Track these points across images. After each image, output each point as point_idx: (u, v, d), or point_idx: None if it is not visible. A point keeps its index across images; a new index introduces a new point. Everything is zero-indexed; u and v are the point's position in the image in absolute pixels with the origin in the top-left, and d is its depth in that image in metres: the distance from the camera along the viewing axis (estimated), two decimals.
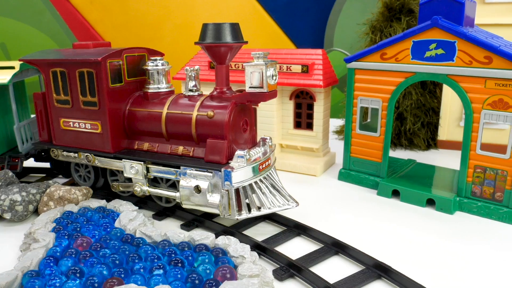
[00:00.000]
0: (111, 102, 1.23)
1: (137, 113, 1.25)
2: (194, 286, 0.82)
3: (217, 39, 1.09)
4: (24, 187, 1.25)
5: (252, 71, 1.07)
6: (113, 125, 1.24)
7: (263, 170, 1.15)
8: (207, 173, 1.09)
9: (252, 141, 1.24)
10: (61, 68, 1.26)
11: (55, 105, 1.31)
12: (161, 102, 1.22)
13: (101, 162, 1.29)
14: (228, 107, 1.12)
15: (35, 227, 1.06)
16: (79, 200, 1.24)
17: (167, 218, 1.26)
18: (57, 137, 1.36)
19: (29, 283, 0.83)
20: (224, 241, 0.98)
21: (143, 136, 1.27)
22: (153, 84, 1.25)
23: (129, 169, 1.22)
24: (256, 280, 0.82)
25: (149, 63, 1.24)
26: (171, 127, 1.20)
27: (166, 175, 1.18)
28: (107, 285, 0.80)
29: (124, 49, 1.25)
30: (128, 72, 1.27)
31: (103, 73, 1.18)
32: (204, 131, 1.15)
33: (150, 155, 1.22)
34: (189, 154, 1.18)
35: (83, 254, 0.92)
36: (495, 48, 1.13)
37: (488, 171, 1.22)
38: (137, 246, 0.97)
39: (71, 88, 1.26)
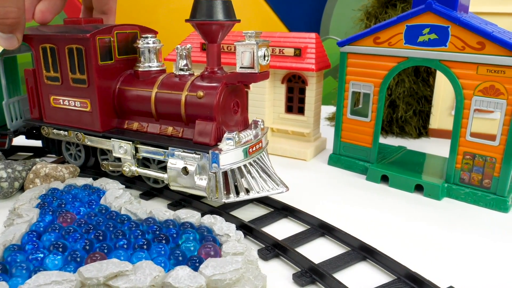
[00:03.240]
0: (101, 79, 1.20)
1: (127, 92, 1.22)
2: (177, 262, 0.82)
3: (209, 17, 1.05)
4: (10, 164, 1.24)
5: (243, 50, 1.04)
6: (102, 104, 1.22)
7: (254, 153, 1.12)
8: (195, 155, 1.07)
9: (244, 123, 1.21)
10: (51, 44, 1.23)
11: (45, 82, 1.29)
12: (151, 81, 1.20)
13: (90, 141, 1.27)
14: (218, 88, 1.09)
15: (20, 203, 1.05)
16: (65, 177, 1.23)
17: (155, 197, 1.25)
18: (47, 115, 1.33)
19: (11, 256, 0.82)
20: (210, 219, 0.97)
21: (133, 115, 1.25)
22: (143, 63, 1.22)
23: (117, 148, 1.20)
24: (239, 258, 0.81)
25: (140, 41, 1.21)
26: (160, 107, 1.17)
27: (154, 155, 1.16)
28: (89, 260, 0.80)
29: (115, 25, 1.21)
30: (119, 49, 1.23)
31: (92, 49, 1.15)
32: (194, 112, 1.12)
33: (140, 135, 1.20)
34: (178, 135, 1.16)
35: (67, 230, 0.91)
36: (489, 34, 1.13)
37: (477, 158, 1.22)
38: (122, 223, 0.96)
39: (60, 64, 1.23)
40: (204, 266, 0.78)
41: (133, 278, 0.75)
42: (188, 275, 0.76)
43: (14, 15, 1.11)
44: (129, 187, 1.29)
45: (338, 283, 0.83)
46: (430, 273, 0.87)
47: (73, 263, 0.80)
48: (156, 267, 0.77)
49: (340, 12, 2.68)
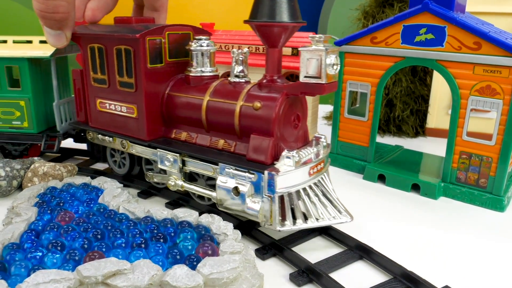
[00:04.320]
0: (149, 84, 1.10)
1: (176, 98, 1.12)
2: (175, 261, 0.82)
3: (271, 17, 0.92)
4: (8, 162, 1.24)
5: (309, 57, 0.90)
6: (150, 110, 1.12)
7: (314, 174, 0.99)
8: (248, 174, 0.95)
9: (304, 139, 1.08)
10: (99, 44, 1.15)
11: (92, 84, 1.21)
12: (203, 88, 1.09)
13: (136, 149, 1.19)
14: (278, 99, 0.96)
15: (18, 202, 1.05)
16: (63, 176, 1.23)
17: (153, 196, 1.26)
18: (93, 119, 1.26)
19: (9, 255, 0.82)
20: (208, 218, 0.97)
21: (182, 124, 1.15)
22: (196, 67, 1.11)
23: (164, 160, 1.12)
24: (237, 257, 0.82)
25: (193, 43, 1.09)
26: (212, 117, 1.06)
27: (203, 171, 1.06)
28: (87, 259, 0.80)
29: (166, 26, 1.11)
30: (170, 51, 1.13)
31: (141, 51, 1.06)
32: (249, 124, 1.00)
33: (188, 146, 1.10)
34: (230, 150, 1.05)
35: (65, 228, 0.91)
36: (485, 34, 1.13)
37: (473, 158, 1.22)
38: (120, 221, 0.96)
39: (108, 66, 1.15)
40: (202, 265, 0.79)
41: (131, 276, 0.75)
42: (186, 274, 0.76)
43: (64, 9, 1.04)
44: (127, 185, 1.29)
45: (335, 282, 0.83)
46: (426, 272, 0.88)
47: (72, 262, 0.80)
48: (154, 266, 0.77)
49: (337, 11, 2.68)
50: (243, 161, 0.99)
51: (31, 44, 1.37)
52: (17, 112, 1.38)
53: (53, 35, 1.10)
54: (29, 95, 1.36)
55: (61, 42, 1.13)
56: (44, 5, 1.01)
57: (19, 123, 1.39)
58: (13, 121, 1.39)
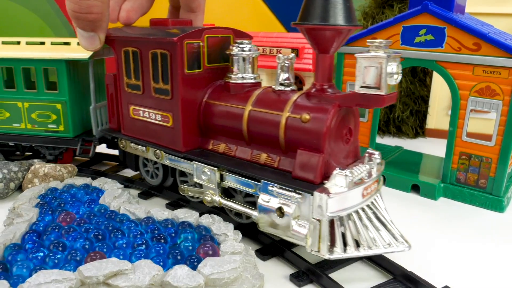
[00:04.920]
0: (186, 91, 1.03)
1: (215, 107, 1.04)
2: (176, 261, 0.82)
3: (324, 20, 0.83)
4: (6, 164, 1.24)
5: (367, 65, 0.81)
6: (186, 119, 1.05)
7: (368, 196, 0.89)
8: (294, 193, 0.86)
9: (354, 154, 0.98)
10: (134, 48, 1.08)
11: (126, 89, 1.15)
12: (244, 96, 1.00)
13: (170, 160, 1.11)
14: (329, 111, 0.87)
15: (19, 202, 1.06)
16: (64, 177, 1.24)
17: (153, 197, 1.26)
18: (126, 126, 1.20)
19: (11, 255, 0.82)
20: (208, 219, 0.98)
21: (220, 135, 1.06)
22: (236, 73, 1.02)
23: (200, 173, 1.03)
24: (238, 257, 0.82)
25: (233, 47, 1.01)
26: (254, 129, 0.98)
27: (242, 187, 0.97)
28: (88, 259, 0.80)
29: (206, 28, 1.04)
30: (209, 56, 1.05)
31: (179, 56, 0.98)
32: (296, 138, 0.91)
33: (226, 160, 1.02)
34: (274, 165, 0.96)
35: (66, 229, 0.92)
36: (484, 35, 1.14)
37: (473, 158, 1.23)
38: (121, 222, 0.97)
39: (143, 71, 1.08)
40: (203, 265, 0.79)
41: (132, 277, 0.76)
42: (186, 274, 0.76)
43: (98, 9, 0.98)
44: (128, 186, 1.29)
45: (335, 283, 0.84)
46: (425, 273, 0.88)
47: (73, 262, 0.81)
48: (155, 266, 0.78)
49: None
50: (288, 178, 0.90)
51: (68, 46, 1.34)
52: (53, 115, 1.36)
53: (86, 37, 1.05)
54: (66, 98, 1.33)
55: (94, 45, 1.07)
56: (77, 5, 0.96)
57: (55, 126, 1.37)
58: (49, 124, 1.37)
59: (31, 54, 1.32)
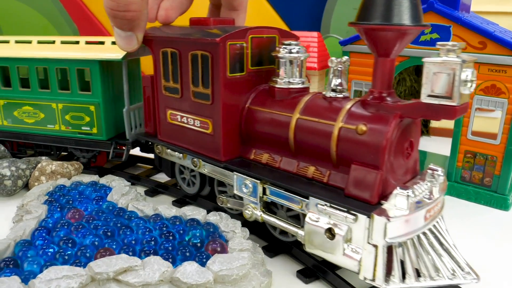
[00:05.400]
0: (228, 96, 0.96)
1: (258, 113, 0.97)
2: (185, 258, 0.83)
3: (386, 19, 0.74)
4: (14, 162, 1.25)
5: (436, 71, 0.71)
6: (227, 126, 0.98)
7: (430, 219, 0.79)
8: (347, 214, 0.76)
9: (413, 170, 0.88)
10: (173, 49, 1.02)
11: (163, 93, 1.09)
12: (291, 103, 0.92)
13: (208, 169, 1.05)
14: (390, 122, 0.78)
15: (28, 199, 1.07)
16: (71, 174, 1.25)
17: (159, 195, 1.27)
18: (162, 131, 1.15)
19: (22, 251, 0.83)
20: (216, 216, 0.99)
21: (263, 144, 0.98)
22: (283, 77, 0.94)
23: (240, 185, 0.96)
24: (246, 254, 0.83)
25: (280, 48, 0.93)
26: (302, 139, 0.90)
27: (287, 202, 0.89)
28: (98, 255, 0.81)
29: (250, 28, 0.96)
30: (252, 58, 0.98)
31: (221, 58, 0.92)
32: (350, 151, 0.82)
33: (270, 171, 0.94)
34: (323, 180, 0.87)
35: (75, 226, 0.92)
36: (490, 34, 1.14)
37: (478, 157, 1.23)
38: (129, 219, 0.97)
39: (182, 74, 1.02)
40: (212, 262, 0.80)
41: (142, 273, 0.77)
42: (196, 271, 0.77)
43: (136, 7, 0.94)
44: (134, 184, 1.30)
45: (341, 279, 0.84)
46: None
47: (83, 258, 0.82)
48: (164, 263, 0.78)
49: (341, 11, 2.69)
50: (340, 196, 0.81)
51: (103, 45, 1.31)
52: (87, 117, 1.32)
53: (123, 37, 1.01)
54: (99, 99, 1.29)
55: (131, 45, 1.03)
56: (115, 2, 0.92)
57: (88, 128, 1.33)
58: (82, 126, 1.34)
59: (63, 54, 1.28)
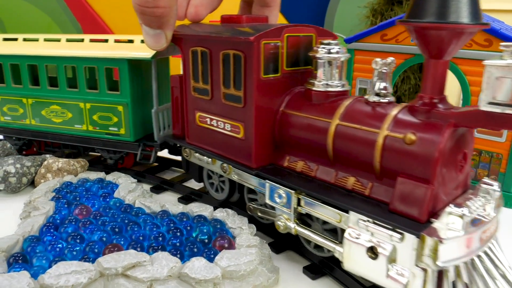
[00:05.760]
0: (261, 99, 0.89)
1: (293, 118, 0.90)
2: (192, 254, 0.84)
3: (441, 16, 0.67)
4: (19, 159, 1.25)
5: (499, 75, 0.64)
6: (260, 131, 0.91)
7: (486, 240, 0.72)
8: (393, 232, 0.69)
9: (464, 184, 0.80)
10: (203, 48, 0.96)
11: (192, 94, 1.03)
12: (330, 107, 0.85)
13: (238, 175, 0.98)
14: (443, 132, 0.70)
15: (35, 196, 1.07)
16: (78, 171, 1.25)
17: (165, 191, 1.27)
18: (191, 134, 1.09)
19: (30, 247, 0.84)
20: (222, 213, 0.99)
21: (298, 151, 0.91)
22: (320, 79, 0.87)
23: (273, 194, 0.89)
24: (253, 250, 0.83)
25: (319, 48, 0.86)
26: (341, 147, 0.82)
27: (324, 216, 0.82)
28: (106, 251, 0.82)
29: (286, 26, 0.89)
30: (288, 58, 0.91)
31: (255, 58, 0.85)
32: (396, 162, 0.75)
33: (305, 181, 0.87)
34: (364, 192, 0.80)
35: (83, 222, 0.93)
36: (496, 31, 1.14)
37: (484, 154, 1.23)
38: (136, 215, 0.98)
39: (212, 74, 0.97)
40: (219, 258, 0.80)
41: (150, 268, 0.77)
42: (204, 266, 0.78)
43: (165, 3, 0.89)
44: (140, 180, 1.30)
45: (347, 275, 0.84)
46: None
47: (91, 254, 0.82)
48: (172, 258, 0.79)
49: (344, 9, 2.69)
50: (383, 211, 0.74)
51: (132, 44, 1.26)
52: (115, 118, 1.28)
53: (151, 35, 0.96)
54: (128, 99, 1.25)
55: (160, 43, 0.97)
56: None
57: (115, 129, 1.30)
58: (110, 127, 1.30)
59: (92, 53, 1.25)
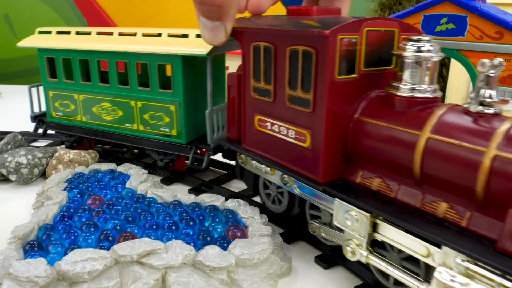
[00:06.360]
0: (334, 103, 0.77)
1: (371, 127, 0.77)
2: (205, 243, 0.84)
3: None
4: (31, 150, 1.26)
5: None
6: (330, 141, 0.79)
7: None
8: (503, 279, 0.56)
9: None
10: (267, 43, 0.86)
11: (252, 94, 0.93)
12: (418, 117, 0.72)
13: (301, 189, 0.87)
14: None
15: (48, 186, 1.08)
16: (89, 162, 1.26)
17: (175, 183, 1.28)
18: (247, 139, 0.98)
19: (45, 235, 0.85)
20: (234, 203, 0.99)
21: (375, 166, 0.78)
22: (406, 83, 0.74)
23: (342, 214, 0.77)
24: (266, 239, 0.84)
25: (406, 45, 0.74)
26: (432, 166, 0.69)
27: (407, 247, 0.68)
28: (121, 239, 0.82)
29: (366, 19, 0.77)
30: (366, 57, 0.79)
31: (329, 55, 0.73)
32: (507, 190, 0.61)
33: (382, 202, 0.73)
34: (460, 223, 0.66)
35: (97, 211, 0.94)
36: (507, 23, 1.14)
37: None
38: (149, 205, 0.99)
39: (276, 73, 0.86)
40: (233, 246, 0.81)
41: (165, 256, 0.78)
42: (218, 254, 0.78)
43: None
44: (150, 172, 1.31)
45: (359, 264, 0.84)
46: None
47: (106, 242, 0.83)
48: (186, 246, 0.80)
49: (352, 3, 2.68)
50: (488, 250, 0.60)
51: (186, 38, 1.16)
52: (166, 118, 1.21)
53: (209, 28, 0.86)
54: (180, 99, 1.16)
55: (218, 37, 0.87)
56: None
57: (167, 130, 1.22)
58: (161, 127, 1.23)
59: (144, 48, 1.18)
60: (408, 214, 0.70)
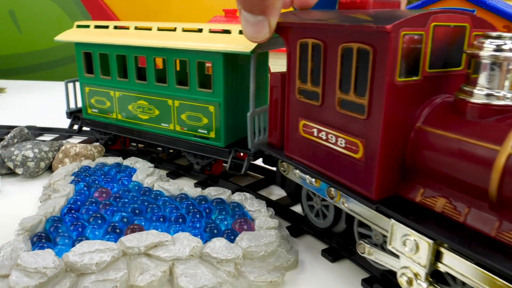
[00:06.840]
0: (393, 109, 0.68)
1: (436, 138, 0.67)
2: (212, 235, 0.84)
3: None
4: (37, 144, 1.27)
5: None
6: (387, 152, 0.70)
7: None
8: None
9: None
10: (315, 40, 0.77)
11: (297, 97, 0.85)
12: (497, 128, 0.61)
13: (350, 205, 0.78)
14: None
15: (55, 179, 1.08)
16: (95, 156, 1.26)
17: (181, 177, 1.28)
18: (290, 145, 0.90)
19: (53, 227, 0.85)
20: (240, 196, 1.00)
21: (439, 183, 0.68)
22: (482, 87, 0.63)
23: (399, 238, 0.68)
24: (273, 232, 0.84)
25: (483, 43, 0.62)
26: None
27: (478, 283, 0.58)
28: (128, 231, 0.83)
29: (433, 12, 0.67)
30: (432, 56, 0.68)
31: (390, 54, 0.64)
32: None
33: (449, 227, 0.63)
34: None
35: (104, 204, 0.94)
36: None
37: None
38: (156, 198, 0.99)
39: (325, 74, 0.78)
40: (240, 239, 0.81)
41: (172, 248, 0.78)
42: (225, 246, 0.78)
43: None
44: (156, 166, 1.31)
45: (365, 259, 0.84)
46: None
47: (113, 234, 0.83)
48: (194, 238, 0.80)
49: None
50: None
51: (229, 35, 1.08)
52: (205, 119, 1.14)
53: (252, 23, 0.79)
54: (221, 99, 1.09)
55: (262, 33, 0.80)
56: None
57: (205, 132, 1.15)
58: (199, 128, 1.16)
59: (184, 45, 1.11)
60: (481, 243, 0.59)
